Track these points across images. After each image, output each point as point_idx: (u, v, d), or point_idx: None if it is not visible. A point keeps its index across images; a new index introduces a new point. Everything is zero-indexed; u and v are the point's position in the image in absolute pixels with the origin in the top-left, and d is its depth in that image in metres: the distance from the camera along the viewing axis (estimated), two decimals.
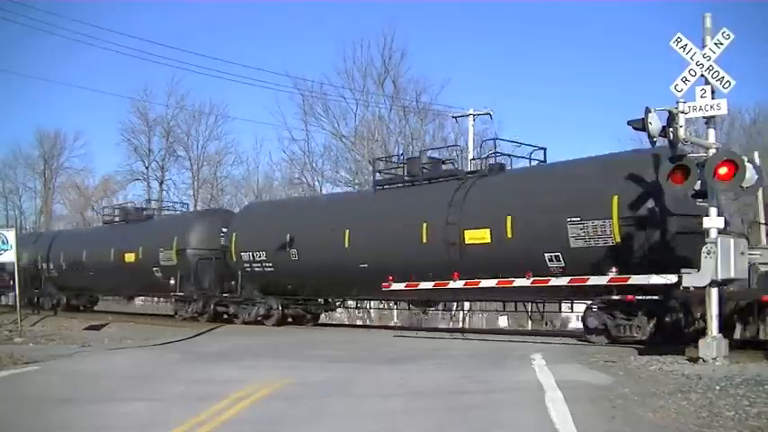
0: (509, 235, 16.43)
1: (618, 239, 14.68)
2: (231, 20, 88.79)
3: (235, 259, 23.45)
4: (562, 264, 15.51)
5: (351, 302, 25.19)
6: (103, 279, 30.43)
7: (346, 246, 19.92)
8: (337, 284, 21.38)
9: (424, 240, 18.04)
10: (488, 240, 16.78)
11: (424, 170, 20.08)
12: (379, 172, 22.06)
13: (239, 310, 23.77)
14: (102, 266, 29.66)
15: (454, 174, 19.61)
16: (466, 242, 17.16)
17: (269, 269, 22.54)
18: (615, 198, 14.68)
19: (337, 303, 24.90)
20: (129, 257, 28.03)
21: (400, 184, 20.56)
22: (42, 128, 69.14)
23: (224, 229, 24.94)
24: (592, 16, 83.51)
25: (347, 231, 19.93)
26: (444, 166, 20.79)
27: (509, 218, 16.41)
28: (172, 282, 25.63)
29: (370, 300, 25.04)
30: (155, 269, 26.64)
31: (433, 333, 21.72)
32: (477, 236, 17.02)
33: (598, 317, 15.24)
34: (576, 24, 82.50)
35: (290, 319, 23.70)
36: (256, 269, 22.90)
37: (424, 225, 18.10)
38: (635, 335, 14.65)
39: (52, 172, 68.14)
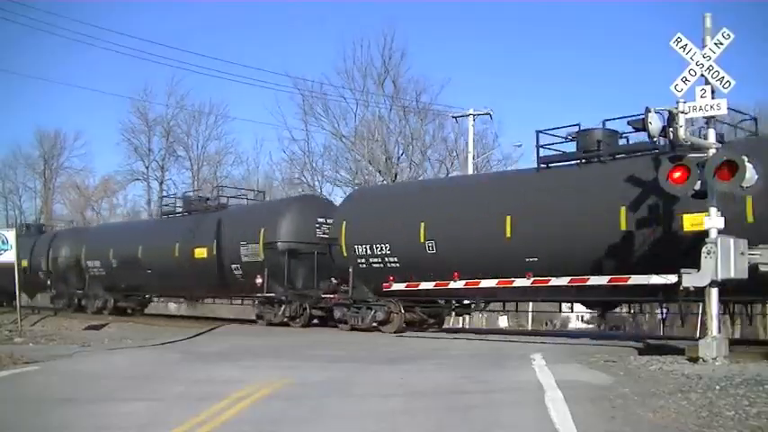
0: (750, 219, 13.42)
1: None
2: (231, 20, 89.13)
3: (346, 254, 19.97)
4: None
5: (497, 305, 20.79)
6: (164, 278, 26.94)
7: (507, 235, 16.72)
8: None
9: (623, 227, 15.00)
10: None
11: (605, 144, 16.42)
12: (542, 146, 17.76)
13: (348, 315, 20.30)
14: (163, 264, 26.25)
15: (649, 147, 15.20)
16: (685, 229, 13.30)
17: (392, 264, 19.03)
18: None
19: (482, 305, 19.82)
20: (200, 253, 24.47)
21: (574, 162, 17.20)
22: (42, 128, 69.51)
23: (320, 219, 21.99)
24: (592, 16, 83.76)
25: (508, 218, 16.72)
26: (621, 140, 16.92)
27: (749, 198, 13.23)
28: (259, 280, 22.26)
29: (532, 301, 20.94)
30: (234, 266, 23.32)
31: (433, 333, 21.70)
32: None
33: None
34: (576, 24, 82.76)
35: (403, 324, 20.10)
36: (374, 265, 19.35)
37: (623, 209, 14.98)
38: None
39: (52, 172, 68.30)
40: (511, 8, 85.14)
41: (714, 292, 11.67)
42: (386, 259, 19.28)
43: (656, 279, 12.89)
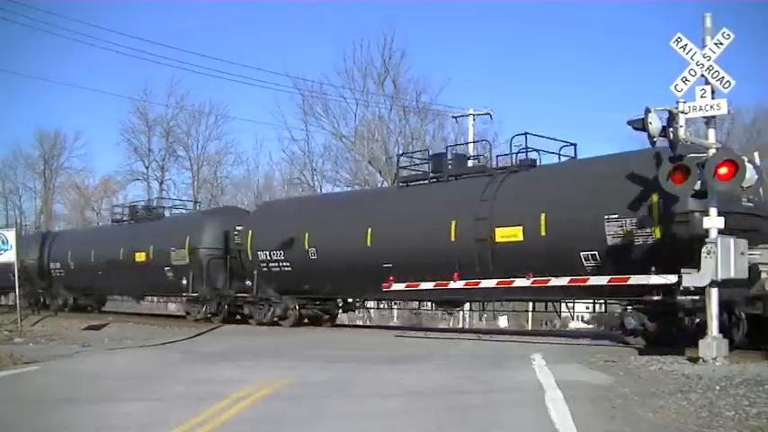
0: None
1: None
2: (231, 20, 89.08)
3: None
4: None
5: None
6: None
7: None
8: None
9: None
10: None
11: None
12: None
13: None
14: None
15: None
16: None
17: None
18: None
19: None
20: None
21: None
22: (42, 128, 69.60)
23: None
24: (592, 16, 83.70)
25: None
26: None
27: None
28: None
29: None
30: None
31: (433, 333, 21.69)
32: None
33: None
34: (576, 24, 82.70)
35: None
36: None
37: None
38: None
39: (52, 172, 68.32)
40: (511, 8, 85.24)
41: (714, 292, 11.67)
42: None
43: (656, 279, 12.89)
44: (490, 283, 16.02)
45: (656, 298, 13.74)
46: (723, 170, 11.39)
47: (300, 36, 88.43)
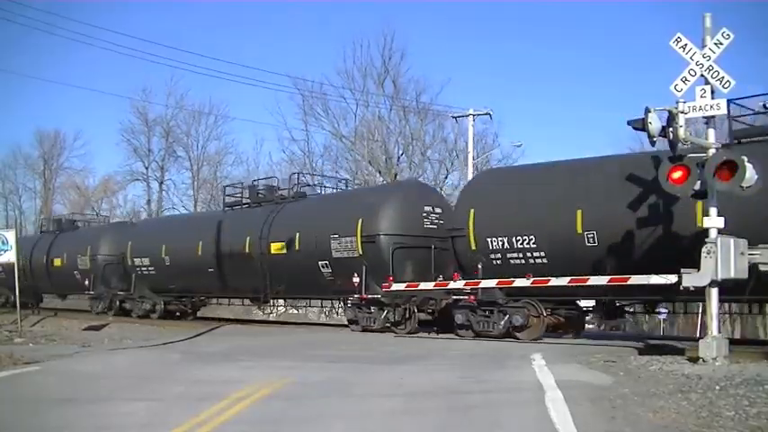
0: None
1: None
2: (231, 20, 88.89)
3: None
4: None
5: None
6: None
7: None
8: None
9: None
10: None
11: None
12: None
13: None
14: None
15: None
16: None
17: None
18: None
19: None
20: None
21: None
22: (42, 128, 69.50)
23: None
24: (592, 16, 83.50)
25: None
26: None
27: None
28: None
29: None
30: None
31: (433, 333, 21.67)
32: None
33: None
34: (576, 24, 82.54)
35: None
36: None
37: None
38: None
39: (52, 172, 68.31)
40: (511, 8, 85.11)
41: (714, 292, 11.67)
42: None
43: (655, 279, 12.87)
44: (491, 283, 16.01)
45: None
46: (723, 170, 11.38)
47: (300, 36, 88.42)
